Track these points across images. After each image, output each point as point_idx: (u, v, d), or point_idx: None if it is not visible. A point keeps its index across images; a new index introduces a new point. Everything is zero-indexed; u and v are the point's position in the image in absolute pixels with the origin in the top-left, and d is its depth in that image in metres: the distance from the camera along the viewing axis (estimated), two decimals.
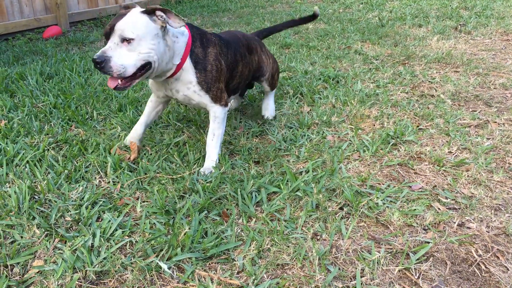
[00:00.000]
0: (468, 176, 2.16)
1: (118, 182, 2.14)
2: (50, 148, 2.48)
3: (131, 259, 1.62)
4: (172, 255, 1.64)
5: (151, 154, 2.39)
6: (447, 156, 2.36)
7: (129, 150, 2.41)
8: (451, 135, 2.57)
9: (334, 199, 1.98)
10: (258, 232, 1.77)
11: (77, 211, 1.89)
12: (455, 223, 1.84)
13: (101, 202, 1.96)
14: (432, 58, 4.08)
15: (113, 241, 1.72)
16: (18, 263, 1.62)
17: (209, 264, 1.62)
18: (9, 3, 5.39)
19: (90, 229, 1.78)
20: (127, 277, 1.55)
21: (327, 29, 5.49)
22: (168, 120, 2.85)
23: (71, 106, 3.07)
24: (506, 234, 1.77)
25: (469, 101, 3.11)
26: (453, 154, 2.39)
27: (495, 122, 2.75)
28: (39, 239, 1.74)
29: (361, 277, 1.55)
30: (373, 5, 7.13)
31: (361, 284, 1.52)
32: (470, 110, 2.96)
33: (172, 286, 1.52)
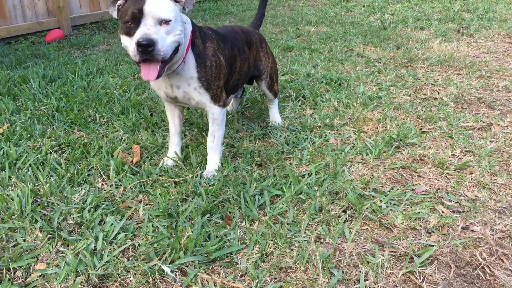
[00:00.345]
0: (472, 179, 2.15)
1: (121, 185, 2.14)
2: (53, 151, 2.49)
3: (134, 263, 1.62)
4: (175, 258, 1.63)
5: (154, 157, 2.39)
6: (451, 159, 2.35)
7: (132, 153, 2.41)
8: (455, 138, 2.56)
9: (337, 202, 1.97)
10: (261, 235, 1.77)
11: (80, 214, 1.89)
12: (459, 226, 1.83)
13: (104, 205, 1.96)
14: (435, 61, 4.08)
15: (116, 244, 1.71)
16: (21, 267, 1.62)
17: (212, 268, 1.62)
18: (12, 7, 5.41)
19: (93, 232, 1.78)
20: (130, 281, 1.55)
21: (329, 32, 5.49)
22: None
23: (74, 109, 3.08)
24: (511, 237, 1.76)
25: (472, 104, 3.10)
26: (457, 157, 2.38)
27: (498, 125, 2.74)
28: (42, 243, 1.73)
29: (365, 281, 1.54)
30: (375, 8, 7.14)
31: None
32: (473, 113, 2.95)
33: None
